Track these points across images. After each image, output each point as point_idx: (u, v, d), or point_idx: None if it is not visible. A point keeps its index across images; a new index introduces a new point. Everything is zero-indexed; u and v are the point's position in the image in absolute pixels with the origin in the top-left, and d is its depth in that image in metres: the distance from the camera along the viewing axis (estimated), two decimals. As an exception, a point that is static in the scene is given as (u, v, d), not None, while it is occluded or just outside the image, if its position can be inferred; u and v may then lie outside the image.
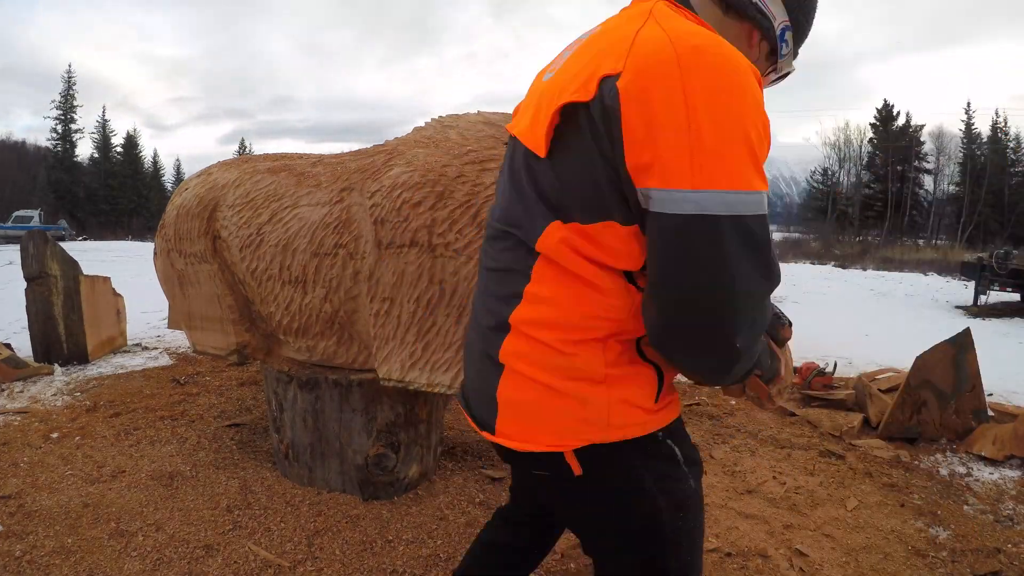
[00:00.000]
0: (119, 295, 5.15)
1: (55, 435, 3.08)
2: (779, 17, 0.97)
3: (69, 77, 44.76)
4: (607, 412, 0.88)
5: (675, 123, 0.74)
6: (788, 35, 1.00)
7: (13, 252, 13.78)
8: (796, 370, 4.18)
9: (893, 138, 39.06)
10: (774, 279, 0.80)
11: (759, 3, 0.95)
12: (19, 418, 3.32)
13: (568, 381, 0.88)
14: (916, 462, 3.07)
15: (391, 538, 2.19)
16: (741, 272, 0.76)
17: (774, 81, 1.07)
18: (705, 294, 0.77)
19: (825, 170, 42.83)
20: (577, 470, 0.91)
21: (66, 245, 7.67)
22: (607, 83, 0.78)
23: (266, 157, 2.93)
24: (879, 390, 3.72)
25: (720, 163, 0.74)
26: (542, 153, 0.87)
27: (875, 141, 40.28)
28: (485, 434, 1.00)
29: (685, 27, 0.81)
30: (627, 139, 0.77)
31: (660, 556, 0.97)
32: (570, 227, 0.85)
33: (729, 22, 0.97)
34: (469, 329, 1.07)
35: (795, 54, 1.05)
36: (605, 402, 0.88)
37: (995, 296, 9.15)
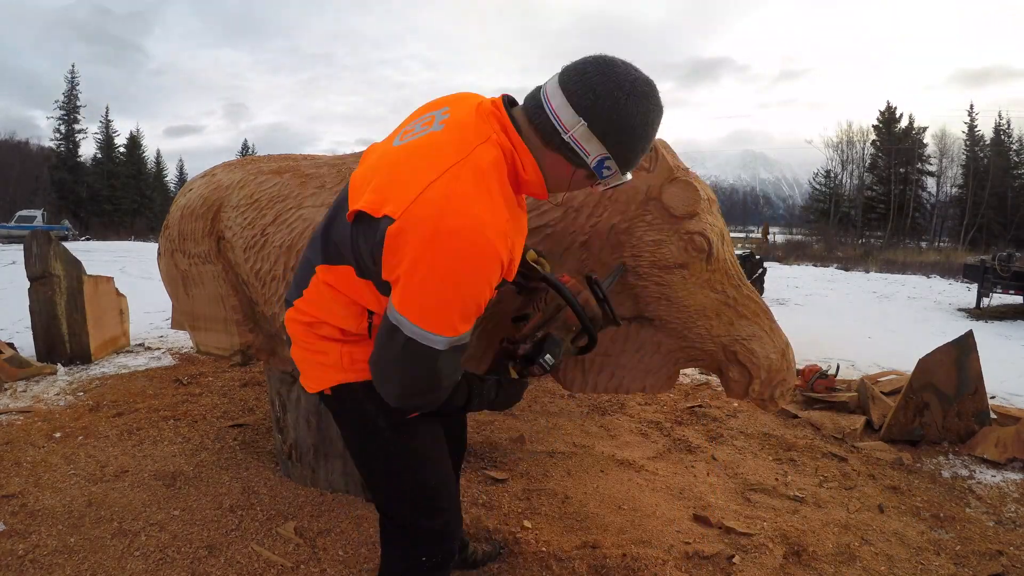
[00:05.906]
0: (122, 295, 5.16)
1: (58, 435, 3.09)
2: (594, 152, 1.08)
3: (72, 77, 44.86)
4: (340, 360, 1.24)
5: (414, 279, 1.03)
6: (609, 162, 1.10)
7: (16, 252, 13.81)
8: (799, 372, 4.18)
9: (896, 140, 38.98)
10: (436, 390, 1.14)
11: (571, 143, 1.07)
12: (22, 417, 3.33)
13: (318, 342, 1.26)
14: (918, 464, 3.07)
15: (393, 539, 2.19)
16: (408, 373, 1.10)
17: (611, 187, 1.18)
18: (386, 364, 1.11)
19: (828, 172, 42.76)
20: (331, 401, 1.31)
21: (69, 245, 7.69)
22: (384, 222, 1.04)
23: (270, 158, 2.93)
24: (881, 392, 3.72)
25: (427, 315, 1.04)
26: (350, 219, 1.13)
27: (878, 143, 40.18)
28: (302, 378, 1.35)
29: (463, 202, 1.01)
30: (384, 264, 1.06)
31: (383, 461, 1.31)
32: (335, 269, 1.19)
33: (548, 152, 1.11)
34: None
35: (629, 169, 1.15)
36: (339, 353, 1.24)
37: (998, 299, 9.15)
